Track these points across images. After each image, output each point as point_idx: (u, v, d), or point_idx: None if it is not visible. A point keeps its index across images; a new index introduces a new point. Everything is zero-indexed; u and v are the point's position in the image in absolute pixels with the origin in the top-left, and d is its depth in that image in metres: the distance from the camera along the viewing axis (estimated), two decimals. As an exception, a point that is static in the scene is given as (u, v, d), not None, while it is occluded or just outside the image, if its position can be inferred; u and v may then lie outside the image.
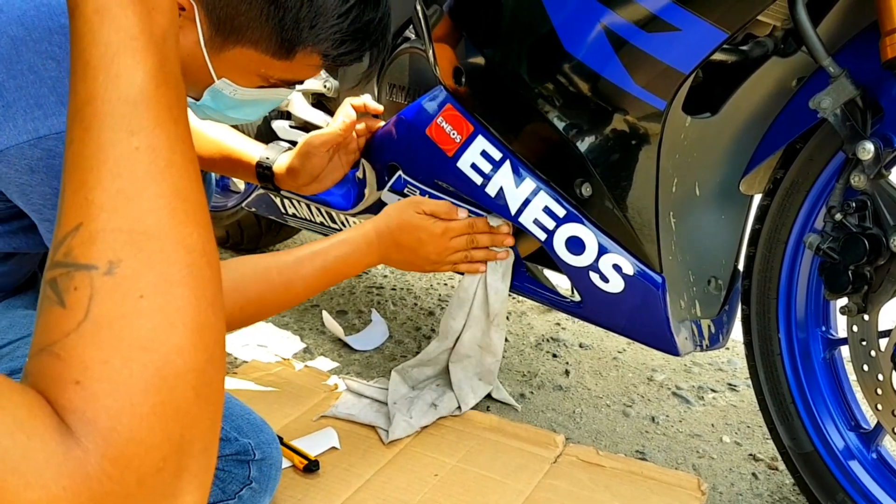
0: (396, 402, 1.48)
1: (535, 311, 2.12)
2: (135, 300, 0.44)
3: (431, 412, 1.47)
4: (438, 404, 1.49)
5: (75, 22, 0.48)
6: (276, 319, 2.01)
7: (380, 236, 1.28)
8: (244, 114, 1.12)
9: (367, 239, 1.27)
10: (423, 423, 1.45)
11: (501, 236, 1.36)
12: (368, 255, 1.28)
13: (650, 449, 1.53)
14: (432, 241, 1.31)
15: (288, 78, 1.06)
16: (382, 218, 1.30)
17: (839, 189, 1.11)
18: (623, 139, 1.18)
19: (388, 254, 1.31)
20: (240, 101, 1.07)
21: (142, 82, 0.48)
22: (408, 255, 1.32)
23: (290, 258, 1.20)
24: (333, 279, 1.26)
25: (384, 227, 1.29)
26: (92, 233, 0.45)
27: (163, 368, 0.44)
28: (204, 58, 0.99)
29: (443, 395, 1.50)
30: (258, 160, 1.39)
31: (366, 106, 1.40)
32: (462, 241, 1.34)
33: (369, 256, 1.29)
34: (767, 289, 1.27)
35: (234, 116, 1.12)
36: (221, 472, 1.02)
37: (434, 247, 1.31)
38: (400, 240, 1.29)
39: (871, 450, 1.22)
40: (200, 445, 0.45)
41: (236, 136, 1.43)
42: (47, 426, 0.41)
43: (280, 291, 1.18)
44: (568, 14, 1.13)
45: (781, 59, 1.18)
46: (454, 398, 1.50)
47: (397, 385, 1.52)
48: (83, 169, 0.46)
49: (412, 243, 1.30)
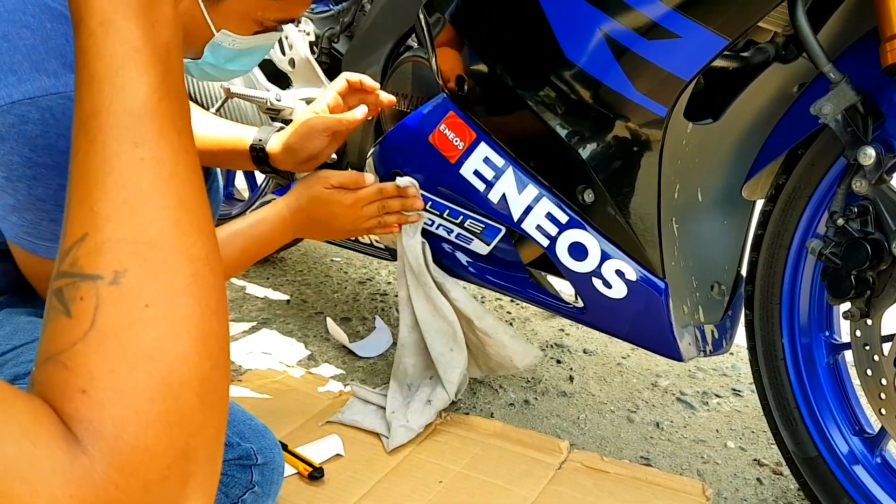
0: (394, 412, 1.48)
1: (538, 317, 2.13)
2: (140, 310, 0.45)
3: (427, 409, 1.47)
4: (432, 399, 1.49)
5: (80, 35, 0.49)
6: (281, 327, 2.01)
7: (293, 214, 1.31)
8: (241, 64, 1.14)
9: (281, 217, 1.30)
10: (422, 423, 1.45)
11: (411, 199, 1.39)
12: (284, 232, 1.31)
13: (655, 455, 1.53)
14: (344, 212, 1.33)
15: (283, 17, 1.09)
16: (293, 196, 1.32)
17: (841, 194, 1.11)
18: (625, 146, 1.18)
19: (304, 229, 1.35)
20: (237, 51, 1.09)
21: (146, 94, 0.48)
22: (323, 228, 1.36)
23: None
24: (253, 258, 1.30)
25: (295, 204, 1.31)
26: (97, 243, 0.46)
27: (168, 377, 0.44)
28: (202, 14, 1.01)
29: (435, 389, 1.51)
30: (251, 143, 1.39)
31: (362, 83, 1.37)
32: (373, 208, 1.36)
33: (285, 234, 1.32)
34: (770, 294, 1.27)
35: (232, 69, 1.14)
36: (225, 476, 1.02)
37: (347, 217, 1.34)
38: (313, 215, 1.32)
39: (875, 454, 1.22)
40: (205, 453, 0.46)
41: (228, 125, 1.43)
42: (53, 434, 0.41)
43: None
44: (569, 22, 1.13)
45: (782, 65, 1.18)
46: (444, 390, 1.51)
47: (395, 394, 1.53)
48: (88, 180, 0.47)
49: (326, 217, 1.33)
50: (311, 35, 1.67)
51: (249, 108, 1.83)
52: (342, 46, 1.67)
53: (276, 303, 2.20)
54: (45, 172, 0.85)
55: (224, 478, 1.02)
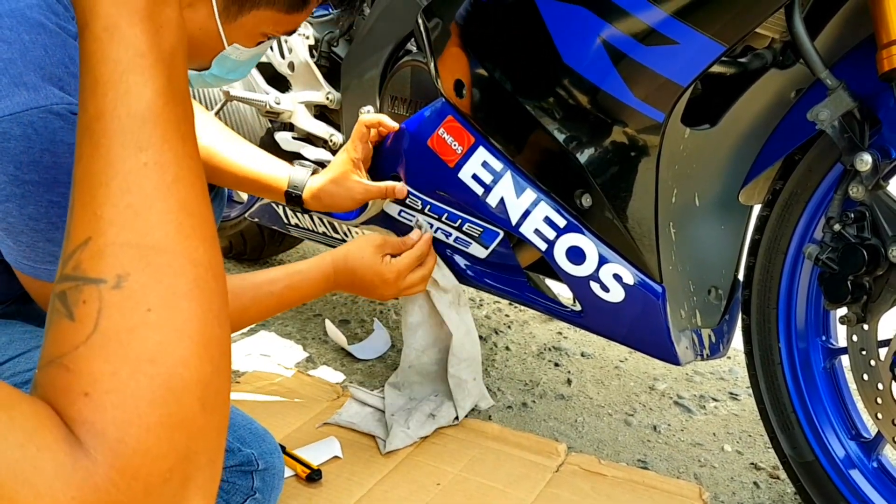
0: (394, 414, 1.48)
1: (536, 321, 2.13)
2: (142, 313, 0.45)
3: (430, 423, 1.47)
4: (436, 414, 1.49)
5: (85, 39, 0.49)
6: (279, 329, 2.02)
7: (337, 273, 1.32)
8: (240, 73, 1.15)
9: (324, 274, 1.31)
10: (422, 434, 1.45)
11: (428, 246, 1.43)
12: (325, 288, 1.33)
13: (652, 458, 1.54)
14: (385, 286, 1.35)
15: (291, 29, 1.11)
16: (341, 254, 1.33)
17: (838, 200, 1.12)
18: (622, 151, 1.19)
19: (344, 287, 1.37)
20: (240, 62, 1.10)
21: (150, 99, 0.49)
22: (363, 293, 1.38)
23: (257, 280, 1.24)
24: (286, 307, 1.31)
25: (343, 264, 1.32)
26: (101, 247, 0.46)
27: (170, 380, 0.44)
28: (216, 28, 1.01)
29: (441, 406, 1.51)
30: (287, 189, 1.42)
31: (381, 123, 1.41)
32: (416, 277, 1.39)
33: (325, 289, 1.34)
34: (767, 298, 1.28)
35: (232, 78, 1.15)
36: (225, 483, 1.02)
37: (389, 291, 1.37)
38: (356, 279, 1.34)
39: (871, 459, 1.22)
40: (206, 456, 0.46)
41: (261, 156, 1.44)
42: (56, 437, 0.41)
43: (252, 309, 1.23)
44: (567, 28, 1.14)
45: (780, 71, 1.18)
46: (452, 408, 1.51)
47: (394, 397, 1.53)
48: (92, 184, 0.47)
49: (369, 286, 1.35)
50: (311, 39, 1.67)
51: (249, 111, 1.84)
52: (341, 50, 1.67)
53: (275, 305, 2.20)
54: (32, 189, 0.84)
55: (225, 485, 1.02)
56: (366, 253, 1.33)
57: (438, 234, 1.44)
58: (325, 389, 1.64)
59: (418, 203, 1.43)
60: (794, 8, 1.05)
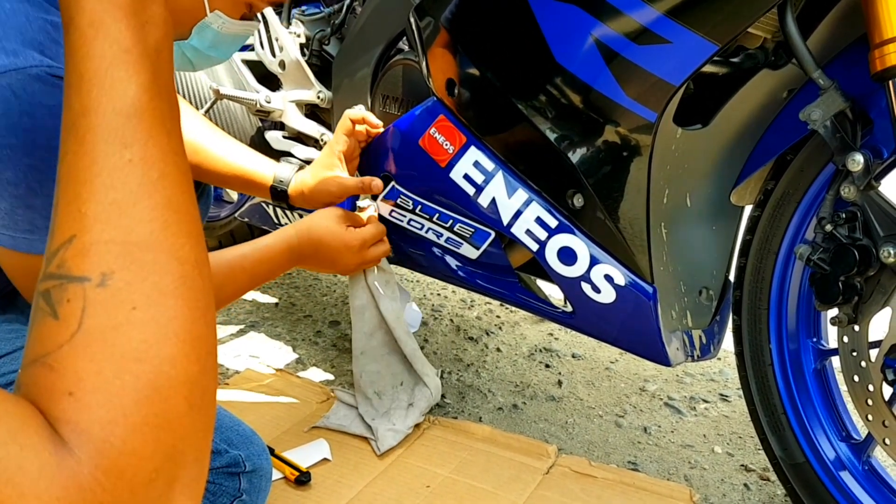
0: (375, 419, 1.47)
1: (527, 322, 2.13)
2: (127, 311, 0.44)
3: (412, 412, 1.47)
4: (413, 402, 1.48)
5: (70, 35, 0.48)
6: (269, 330, 2.01)
7: (301, 244, 1.32)
8: (220, 52, 1.12)
9: (289, 245, 1.31)
10: (409, 424, 1.45)
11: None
12: (289, 259, 1.32)
13: (642, 459, 1.54)
14: (350, 253, 1.36)
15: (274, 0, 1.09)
16: (305, 224, 1.34)
17: (829, 200, 1.12)
18: (614, 150, 1.19)
19: (309, 258, 1.36)
20: (221, 36, 1.08)
21: (135, 95, 0.48)
22: (327, 264, 1.38)
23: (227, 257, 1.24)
24: (258, 281, 1.30)
25: (306, 234, 1.33)
26: (85, 245, 0.45)
27: (155, 379, 0.44)
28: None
29: (413, 392, 1.50)
30: (272, 184, 1.43)
31: (364, 120, 1.41)
32: (379, 251, 1.41)
33: (290, 260, 1.33)
34: (758, 299, 1.28)
35: (212, 55, 1.12)
36: (212, 485, 1.01)
37: (353, 260, 1.38)
38: (321, 248, 1.34)
39: (862, 460, 1.22)
40: (192, 456, 0.46)
41: (248, 154, 1.45)
42: (41, 437, 0.41)
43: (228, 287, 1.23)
44: (559, 26, 1.13)
45: (772, 71, 1.18)
46: (423, 387, 1.50)
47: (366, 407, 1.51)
48: (77, 181, 0.47)
49: (332, 254, 1.35)
50: (302, 37, 1.66)
51: (239, 110, 1.83)
52: (333, 49, 1.67)
53: (265, 306, 2.19)
54: (10, 154, 0.82)
55: (211, 486, 1.01)
56: (330, 222, 1.35)
57: (429, 234, 1.44)
58: (315, 391, 1.63)
59: (409, 203, 1.42)
60: (787, 7, 1.05)
